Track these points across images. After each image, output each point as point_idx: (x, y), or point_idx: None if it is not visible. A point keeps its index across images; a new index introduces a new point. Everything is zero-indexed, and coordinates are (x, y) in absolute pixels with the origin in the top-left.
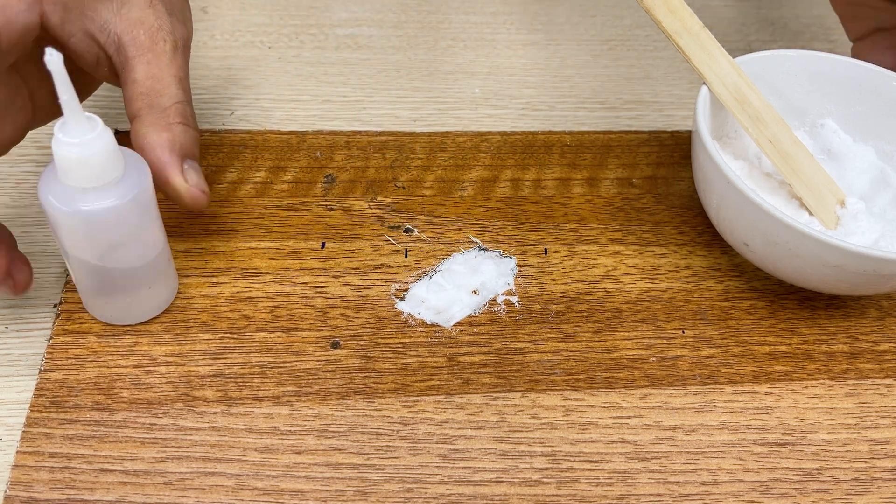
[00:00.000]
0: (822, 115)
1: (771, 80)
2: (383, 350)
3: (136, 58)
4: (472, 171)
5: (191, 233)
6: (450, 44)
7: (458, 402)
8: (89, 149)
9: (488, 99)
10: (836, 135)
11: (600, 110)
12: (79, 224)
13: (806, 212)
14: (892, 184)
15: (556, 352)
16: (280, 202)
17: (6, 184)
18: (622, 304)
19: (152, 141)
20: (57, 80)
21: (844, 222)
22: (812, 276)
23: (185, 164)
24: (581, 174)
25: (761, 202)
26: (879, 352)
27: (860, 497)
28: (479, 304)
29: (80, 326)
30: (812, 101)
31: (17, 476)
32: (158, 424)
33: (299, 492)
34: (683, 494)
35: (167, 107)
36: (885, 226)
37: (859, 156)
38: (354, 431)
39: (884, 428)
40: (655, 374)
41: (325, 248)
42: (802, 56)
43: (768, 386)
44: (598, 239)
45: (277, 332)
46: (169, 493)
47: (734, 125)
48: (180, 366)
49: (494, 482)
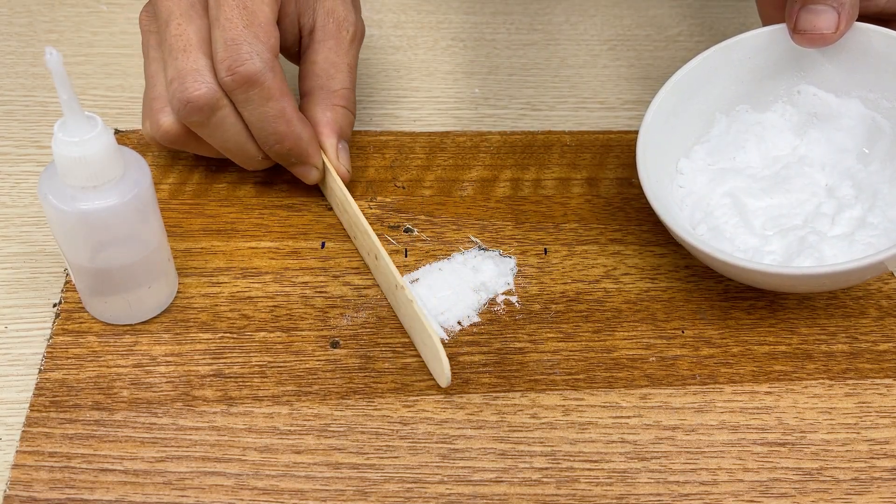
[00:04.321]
0: (796, 82)
1: (734, 70)
2: (383, 350)
3: (320, 42)
4: (472, 170)
5: (191, 233)
6: (450, 44)
7: (458, 401)
8: (89, 148)
9: (488, 99)
10: (816, 97)
11: (600, 110)
12: (78, 223)
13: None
14: (885, 131)
15: (555, 351)
16: (280, 202)
17: (6, 184)
18: (622, 303)
19: (317, 118)
20: (57, 79)
21: (842, 221)
22: (785, 288)
23: (339, 145)
24: (581, 174)
25: (700, 246)
26: (879, 352)
27: (860, 497)
28: (478, 304)
29: (79, 326)
30: (781, 72)
31: (17, 476)
32: (158, 424)
33: (299, 491)
34: (683, 494)
35: (336, 90)
36: (875, 199)
37: (846, 111)
38: (354, 431)
39: (883, 428)
40: (655, 374)
41: (324, 247)
42: (759, 36)
43: (768, 386)
44: (598, 239)
45: (277, 332)
46: (168, 492)
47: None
48: (180, 365)
49: (494, 482)
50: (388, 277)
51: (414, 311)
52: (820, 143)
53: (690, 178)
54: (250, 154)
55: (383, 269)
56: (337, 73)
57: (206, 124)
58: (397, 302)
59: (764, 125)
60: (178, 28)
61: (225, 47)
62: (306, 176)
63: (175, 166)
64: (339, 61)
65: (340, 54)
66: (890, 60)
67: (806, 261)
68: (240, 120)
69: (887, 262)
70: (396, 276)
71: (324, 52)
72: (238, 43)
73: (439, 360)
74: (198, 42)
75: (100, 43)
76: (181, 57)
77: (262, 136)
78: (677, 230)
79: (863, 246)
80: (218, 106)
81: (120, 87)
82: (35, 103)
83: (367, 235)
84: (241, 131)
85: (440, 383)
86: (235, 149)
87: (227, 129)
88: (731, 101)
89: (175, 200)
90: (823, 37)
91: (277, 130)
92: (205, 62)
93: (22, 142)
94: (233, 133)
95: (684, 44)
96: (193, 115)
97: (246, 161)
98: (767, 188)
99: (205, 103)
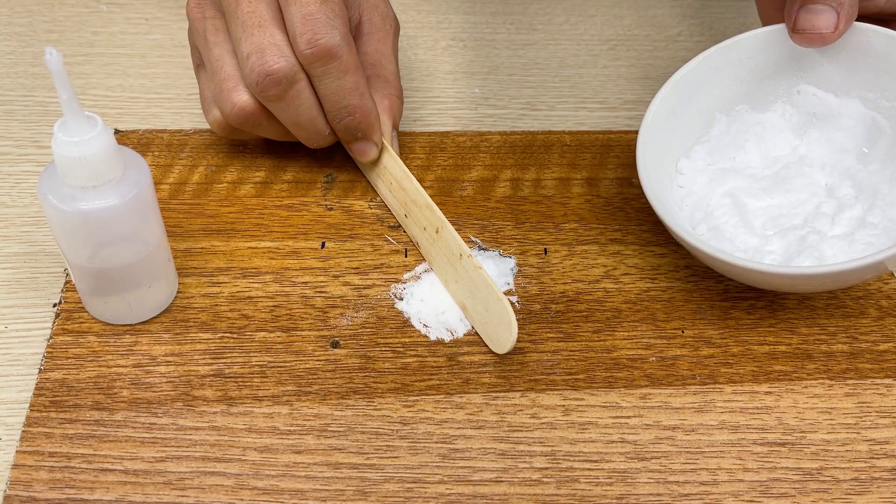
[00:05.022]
0: (796, 82)
1: (734, 70)
2: (383, 350)
3: (369, 34)
4: (472, 170)
5: (191, 233)
6: (450, 44)
7: (458, 401)
8: (89, 148)
9: (488, 99)
10: (816, 97)
11: (600, 110)
12: (78, 223)
13: None
14: (885, 130)
15: (555, 351)
16: (280, 202)
17: (6, 184)
18: (622, 303)
19: (377, 104)
20: (57, 79)
21: (841, 221)
22: (785, 288)
23: (393, 132)
24: (581, 174)
25: (700, 246)
26: (879, 352)
27: (860, 497)
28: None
29: (79, 326)
30: (781, 72)
31: (17, 475)
32: (158, 424)
33: (299, 491)
34: (683, 494)
35: (390, 80)
36: (875, 199)
37: (845, 111)
38: (354, 431)
39: (883, 428)
40: (655, 374)
41: (324, 247)
42: (759, 36)
43: (768, 386)
44: (598, 239)
45: (277, 332)
46: (168, 492)
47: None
48: (180, 365)
49: (494, 482)
50: (451, 248)
51: (482, 277)
52: (820, 142)
53: (690, 178)
54: (319, 128)
55: (446, 239)
56: (388, 64)
57: (283, 97)
58: (458, 272)
59: (764, 125)
60: (249, 6)
61: (303, 22)
62: (366, 152)
63: (175, 166)
64: (387, 51)
65: (387, 45)
66: (889, 60)
67: (806, 261)
68: (313, 94)
69: (887, 262)
70: (462, 246)
71: (373, 43)
72: (316, 17)
73: (508, 325)
74: (271, 18)
75: (100, 43)
76: (257, 32)
77: (335, 110)
78: (677, 230)
79: (863, 245)
80: (296, 79)
81: (120, 87)
82: (35, 103)
83: (429, 209)
84: (314, 105)
85: (497, 350)
86: (307, 123)
87: (302, 102)
88: (730, 101)
89: (175, 200)
90: (822, 36)
91: (350, 103)
92: (281, 36)
93: (22, 142)
94: (306, 107)
95: (684, 44)
96: (272, 88)
97: (313, 137)
98: (767, 188)
99: (283, 76)
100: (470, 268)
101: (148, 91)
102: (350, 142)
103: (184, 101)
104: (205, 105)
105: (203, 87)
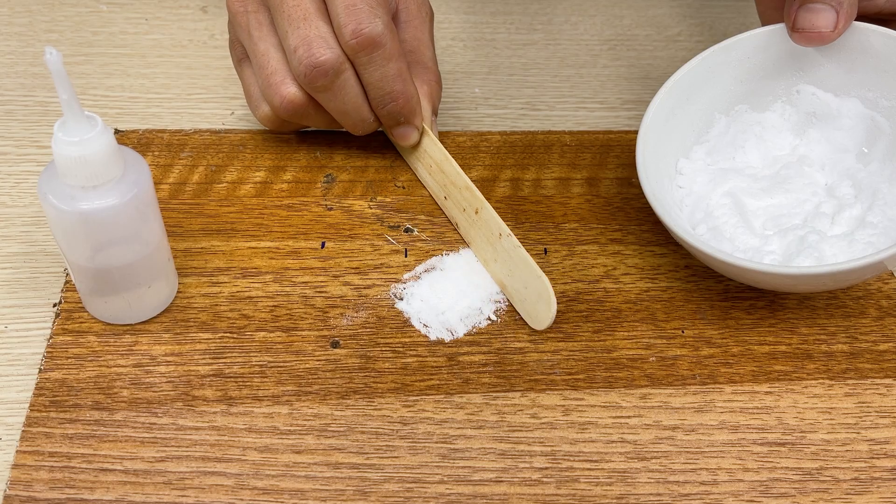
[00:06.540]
0: (796, 82)
1: (734, 70)
2: (383, 350)
3: (407, 22)
4: (472, 170)
5: (191, 232)
6: (450, 44)
7: (458, 401)
8: (89, 148)
9: (488, 99)
10: (815, 97)
11: (600, 110)
12: (78, 223)
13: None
14: (885, 130)
15: (555, 351)
16: (280, 202)
17: (6, 184)
18: (622, 303)
19: (418, 89)
20: (56, 79)
21: (841, 220)
22: (785, 288)
23: (432, 117)
24: (581, 174)
25: (700, 246)
26: (879, 351)
27: (860, 497)
28: (479, 304)
29: (79, 326)
30: (780, 72)
31: (17, 475)
32: (158, 424)
33: (299, 491)
34: (683, 494)
35: (429, 66)
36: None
37: (845, 111)
38: (354, 431)
39: (883, 428)
40: (655, 374)
41: (324, 247)
42: (758, 36)
43: (768, 386)
44: (598, 239)
45: (277, 332)
46: (168, 492)
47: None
48: (180, 365)
49: (494, 482)
50: (491, 228)
51: (521, 255)
52: (819, 142)
53: (690, 178)
54: (364, 116)
55: (486, 220)
56: (426, 50)
57: (331, 87)
58: (497, 251)
59: (763, 125)
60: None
61: (347, 12)
62: (407, 137)
63: (175, 166)
64: (424, 38)
65: (425, 32)
66: (889, 60)
67: (806, 260)
68: (358, 82)
69: (887, 262)
70: (501, 225)
71: (411, 30)
72: (359, 7)
73: (547, 301)
74: (315, 10)
75: (100, 43)
76: (303, 25)
77: (379, 97)
78: (677, 230)
79: (863, 245)
80: (342, 69)
81: (120, 87)
82: (35, 103)
83: (468, 190)
84: (359, 93)
85: (536, 326)
86: (353, 110)
87: (348, 91)
88: (730, 101)
89: (175, 200)
90: (822, 35)
91: (394, 89)
92: (326, 28)
93: (22, 142)
94: (352, 96)
95: (684, 44)
96: (319, 79)
97: (358, 124)
98: (767, 188)
99: (330, 67)
100: (509, 246)
101: (148, 91)
102: (392, 126)
103: (184, 101)
104: (252, 101)
105: (249, 83)
